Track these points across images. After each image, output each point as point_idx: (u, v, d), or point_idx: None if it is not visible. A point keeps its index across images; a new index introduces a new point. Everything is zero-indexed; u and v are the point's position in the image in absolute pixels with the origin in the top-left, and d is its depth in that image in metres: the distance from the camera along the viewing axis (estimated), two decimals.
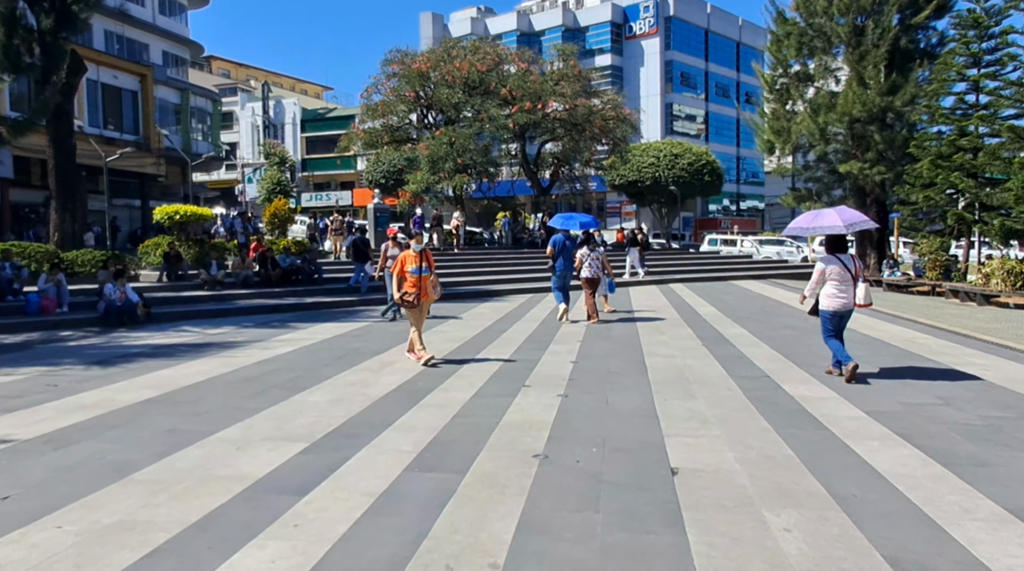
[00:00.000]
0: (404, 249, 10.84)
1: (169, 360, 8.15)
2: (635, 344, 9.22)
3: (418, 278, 7.57)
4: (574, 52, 28.41)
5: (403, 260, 7.66)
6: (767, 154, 23.94)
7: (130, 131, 28.22)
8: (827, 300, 6.70)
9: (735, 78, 59.61)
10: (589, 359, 8.11)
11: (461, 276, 18.52)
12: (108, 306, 11.54)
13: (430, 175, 24.20)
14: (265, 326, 11.27)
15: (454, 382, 6.84)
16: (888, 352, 8.50)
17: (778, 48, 22.18)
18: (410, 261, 7.62)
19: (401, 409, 5.78)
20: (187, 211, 16.39)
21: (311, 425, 5.30)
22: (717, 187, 44.03)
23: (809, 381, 6.79)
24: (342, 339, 9.79)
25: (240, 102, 53.98)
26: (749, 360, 7.96)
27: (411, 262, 7.62)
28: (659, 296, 16.38)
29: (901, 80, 20.14)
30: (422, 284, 7.59)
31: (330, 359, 8.17)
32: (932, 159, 18.00)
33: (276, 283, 15.42)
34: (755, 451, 4.57)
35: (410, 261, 7.62)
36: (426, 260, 7.67)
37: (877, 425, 5.18)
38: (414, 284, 7.55)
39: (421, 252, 7.66)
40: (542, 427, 5.21)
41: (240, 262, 15.59)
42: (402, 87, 25.62)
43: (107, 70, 27.63)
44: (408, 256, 7.65)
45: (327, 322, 11.63)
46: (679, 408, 5.75)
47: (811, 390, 6.40)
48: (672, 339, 9.66)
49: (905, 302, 14.98)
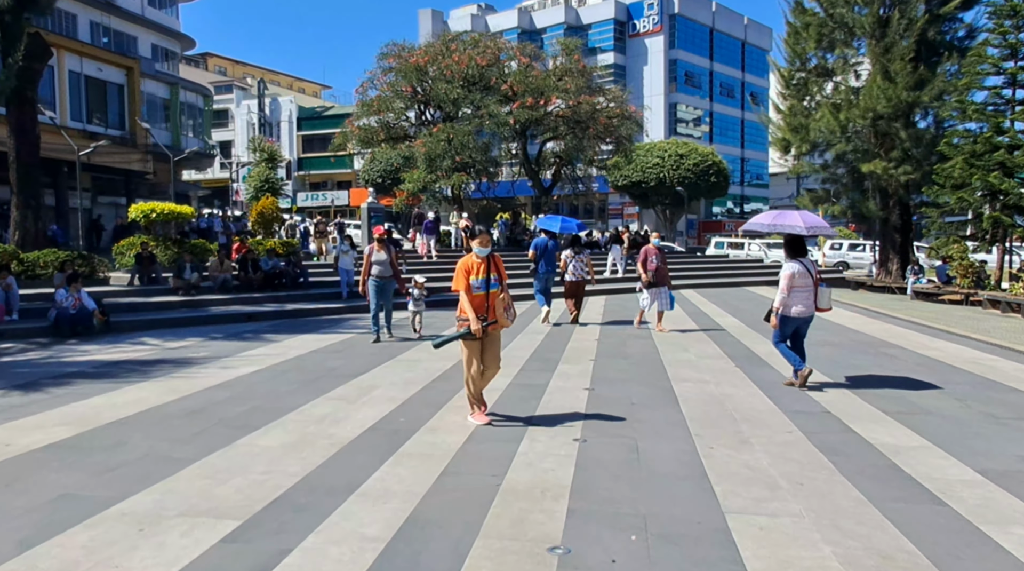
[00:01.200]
0: (385, 251, 9.37)
1: (107, 383, 6.84)
2: (656, 364, 7.94)
3: (485, 296, 5.17)
4: (578, 47, 27.12)
5: (465, 270, 5.17)
6: (782, 153, 22.63)
7: (115, 126, 26.86)
8: (788, 306, 6.45)
9: (740, 78, 58.49)
10: (606, 384, 6.82)
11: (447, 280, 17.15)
12: (59, 314, 10.23)
13: (427, 174, 22.91)
14: (235, 337, 9.97)
15: (444, 417, 5.55)
16: (961, 379, 7.20)
17: (796, 40, 20.91)
18: (473, 271, 5.18)
19: (374, 460, 4.49)
20: (164, 209, 15.11)
21: (251, 489, 4.00)
22: (723, 188, 42.80)
23: (884, 420, 5.49)
24: (318, 356, 8.49)
25: (236, 100, 52.73)
26: (797, 388, 6.67)
27: (475, 272, 5.18)
28: None
29: (928, 74, 18.88)
30: (490, 304, 5.20)
31: (298, 383, 6.86)
32: (965, 158, 16.72)
33: (257, 287, 14.17)
34: (860, 543, 3.27)
35: (473, 271, 5.18)
36: (496, 269, 5.25)
37: (1008, 496, 3.89)
38: (480, 305, 5.16)
39: (489, 258, 5.23)
40: (557, 494, 3.91)
41: (218, 264, 14.23)
42: (398, 82, 24.32)
43: (91, 62, 26.24)
44: (470, 264, 5.19)
45: (306, 333, 10.33)
46: (733, 462, 4.45)
47: (892, 434, 5.10)
48: (698, 357, 8.38)
49: (943, 313, 13.69)
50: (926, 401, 6.11)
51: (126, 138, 26.47)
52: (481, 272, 5.16)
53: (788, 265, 6.42)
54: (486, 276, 5.16)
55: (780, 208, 53.45)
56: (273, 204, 18.11)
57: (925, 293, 17.49)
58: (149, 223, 14.94)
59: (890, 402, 6.04)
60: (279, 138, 50.89)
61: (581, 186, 29.34)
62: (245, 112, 51.01)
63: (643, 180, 40.31)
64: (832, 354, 8.63)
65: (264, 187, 19.60)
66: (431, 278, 16.32)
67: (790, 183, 55.56)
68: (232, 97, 52.83)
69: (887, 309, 13.86)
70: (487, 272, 5.17)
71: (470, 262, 5.20)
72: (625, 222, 43.27)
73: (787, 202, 57.27)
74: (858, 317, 12.85)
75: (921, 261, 20.90)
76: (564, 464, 4.40)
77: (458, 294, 5.24)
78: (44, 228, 15.12)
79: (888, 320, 12.35)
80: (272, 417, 5.55)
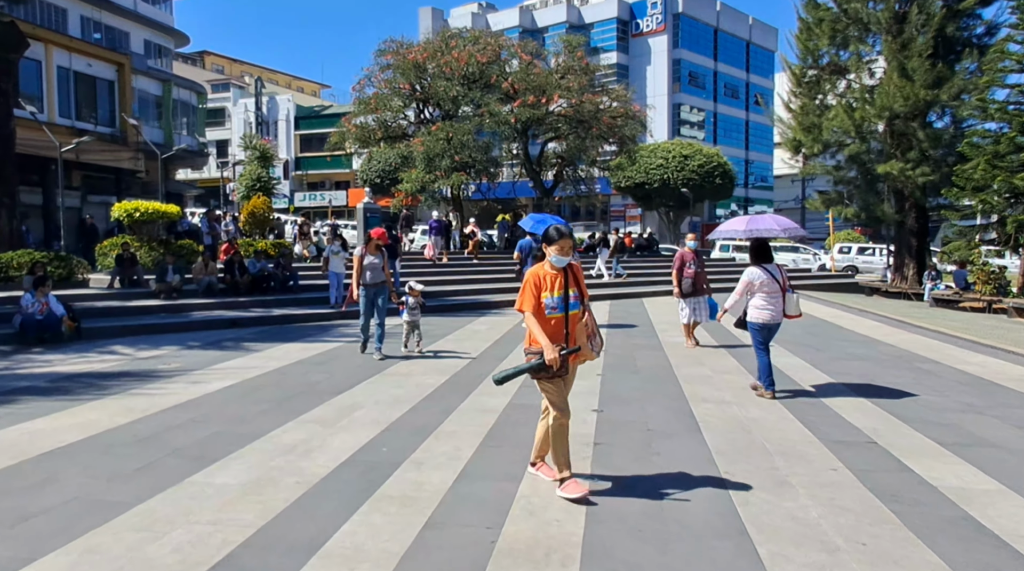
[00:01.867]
0: (378, 254, 8.43)
1: (57, 401, 6.11)
2: (670, 380, 7.20)
3: (564, 319, 3.87)
4: (581, 44, 26.35)
5: (535, 284, 3.88)
6: (792, 154, 21.91)
7: (105, 123, 26.12)
8: (756, 312, 6.35)
9: (744, 79, 57.81)
10: (617, 405, 6.08)
11: (451, 284, 16.46)
12: (24, 320, 9.51)
13: (425, 174, 22.16)
14: (213, 346, 9.24)
15: (431, 448, 4.81)
16: (1015, 400, 6.44)
17: (808, 36, 20.22)
18: (547, 286, 3.87)
19: (346, 506, 3.75)
20: (148, 208, 14.26)
21: (192, 547, 3.26)
22: (729, 190, 42.08)
23: (942, 455, 4.74)
24: (300, 368, 7.76)
25: (233, 98, 52.03)
26: (833, 411, 5.93)
27: (550, 287, 3.86)
28: None
29: (947, 72, 18.18)
30: (570, 330, 3.88)
31: (272, 402, 6.13)
32: (988, 158, 16.00)
33: (244, 291, 13.40)
34: None
35: (547, 286, 3.87)
36: (576, 284, 3.93)
37: None
38: (557, 331, 3.86)
39: (567, 270, 3.91)
40: (566, 556, 3.17)
41: (202, 267, 13.45)
42: (396, 79, 23.56)
43: (80, 57, 25.43)
44: (543, 276, 3.90)
45: (290, 342, 9.60)
46: (776, 512, 3.71)
47: (957, 473, 4.35)
48: (715, 372, 7.64)
49: (968, 322, 12.94)
50: (984, 430, 5.37)
51: (116, 135, 25.73)
52: (558, 288, 3.85)
53: (748, 271, 6.36)
54: (564, 292, 3.85)
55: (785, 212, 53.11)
56: (265, 203, 17.33)
57: (945, 300, 16.75)
58: (133, 223, 14.18)
59: (943, 431, 5.29)
60: (276, 137, 50.21)
61: (584, 187, 28.55)
62: (242, 111, 50.30)
63: (647, 181, 39.60)
64: (865, 370, 7.88)
65: (256, 186, 18.85)
66: (435, 283, 15.62)
67: (795, 186, 54.89)
68: (229, 95, 52.16)
69: (910, 317, 13.11)
70: (565, 288, 3.86)
71: (542, 274, 3.90)
72: (623, 225, 42.51)
73: (792, 205, 56.64)
74: (882, 326, 12.10)
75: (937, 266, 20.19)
76: (573, 514, 3.67)
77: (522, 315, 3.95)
78: (19, 227, 14.40)
79: (914, 330, 11.60)
80: (234, 446, 4.82)
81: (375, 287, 8.39)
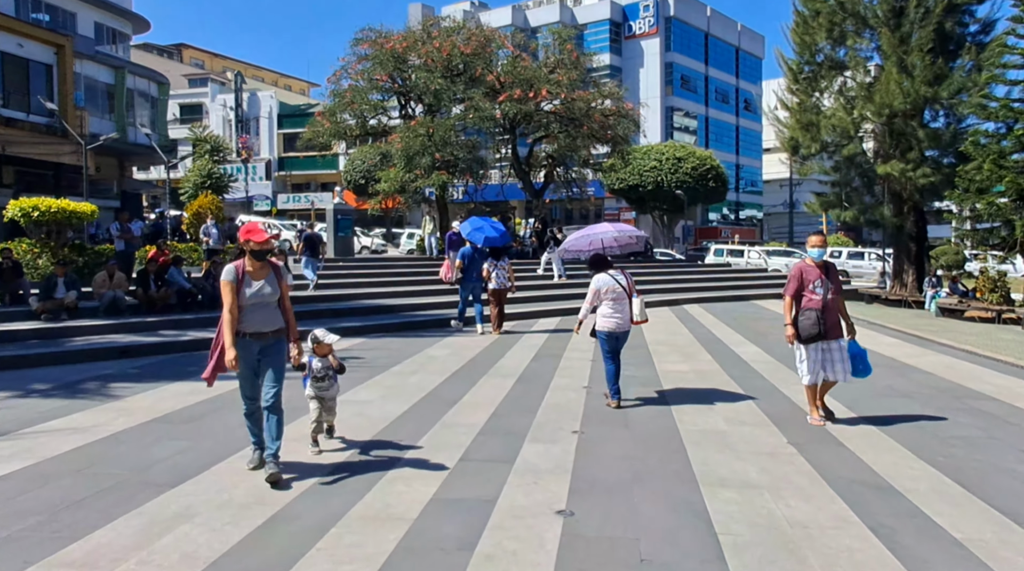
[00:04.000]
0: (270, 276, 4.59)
1: None
2: (673, 443, 5.38)
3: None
4: (571, 37, 25.17)
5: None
6: (790, 153, 20.83)
7: (41, 112, 23.34)
8: (603, 321, 6.32)
9: (734, 84, 57.34)
10: (595, 498, 4.23)
11: (421, 296, 14.77)
12: None
13: (405, 172, 20.78)
14: (64, 390, 7.04)
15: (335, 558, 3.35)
16: None
17: (804, 30, 19.14)
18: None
19: None
20: (52, 206, 11.80)
21: None
22: (722, 194, 41.21)
23: None
24: (153, 431, 5.57)
25: (211, 94, 50.37)
26: (908, 501, 4.22)
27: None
28: (677, 325, 13.07)
29: (946, 68, 17.20)
30: None
31: (56, 507, 3.97)
32: (993, 158, 14.91)
33: (160, 308, 11.16)
34: None
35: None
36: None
37: None
38: None
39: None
40: None
41: (105, 279, 10.96)
42: (374, 70, 22.10)
43: (9, 36, 22.17)
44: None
45: (180, 381, 7.38)
46: None
47: None
48: (730, 424, 5.89)
49: (989, 336, 11.78)
50: None
51: (55, 127, 22.87)
52: None
53: (595, 278, 6.42)
54: None
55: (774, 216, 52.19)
56: (213, 202, 15.71)
57: (950, 309, 15.63)
58: (31, 224, 11.62)
59: None
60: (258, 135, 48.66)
61: (576, 190, 27.26)
62: (220, 107, 48.66)
63: (640, 184, 38.58)
64: (914, 413, 6.35)
65: (206, 183, 17.01)
66: (390, 296, 13.96)
67: (783, 190, 54.33)
68: (207, 91, 50.49)
69: (924, 332, 11.93)
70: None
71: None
72: None
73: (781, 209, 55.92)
74: (903, 344, 10.88)
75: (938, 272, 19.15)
76: None
77: None
78: None
79: (939, 349, 10.39)
80: None
81: (259, 340, 4.51)
